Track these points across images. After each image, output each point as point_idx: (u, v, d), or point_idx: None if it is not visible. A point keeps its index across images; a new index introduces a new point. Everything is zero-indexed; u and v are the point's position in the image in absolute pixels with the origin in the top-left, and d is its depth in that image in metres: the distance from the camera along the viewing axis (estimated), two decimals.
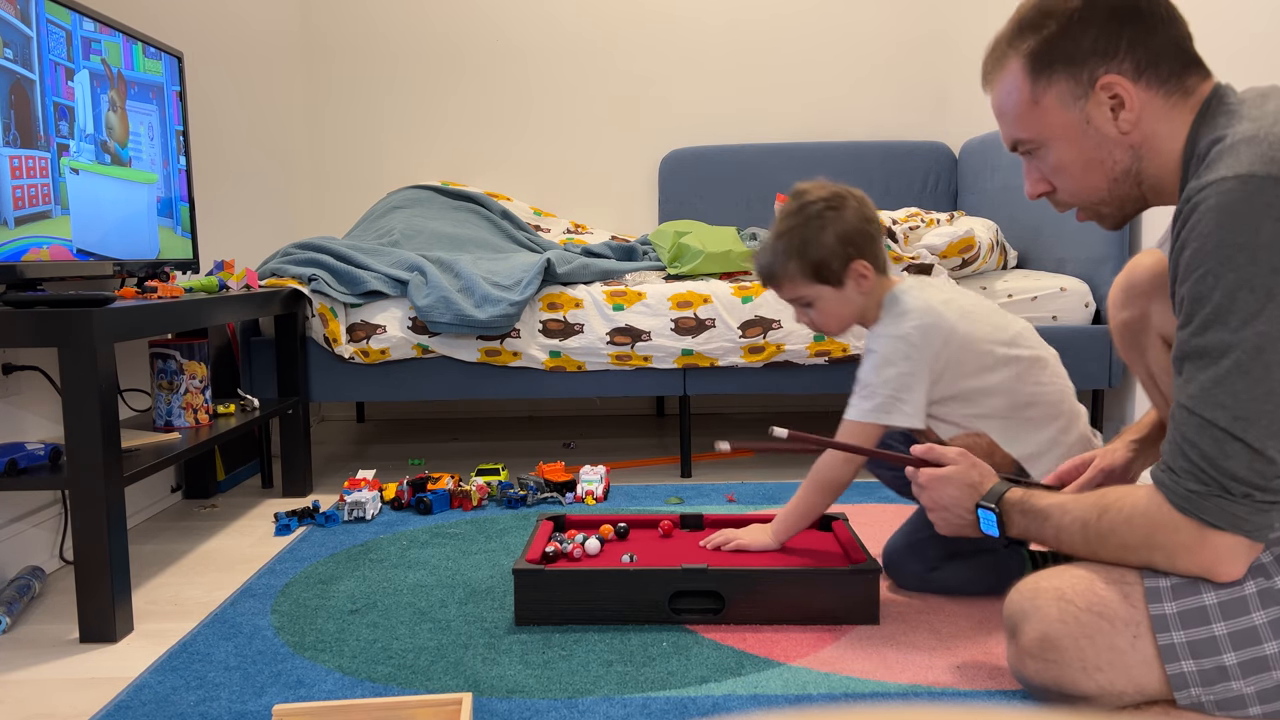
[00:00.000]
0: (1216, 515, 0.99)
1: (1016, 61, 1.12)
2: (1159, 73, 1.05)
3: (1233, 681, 1.02)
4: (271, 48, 3.28)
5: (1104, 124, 1.07)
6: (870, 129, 3.56)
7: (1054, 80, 1.08)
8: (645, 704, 1.28)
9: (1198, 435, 0.98)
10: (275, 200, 3.26)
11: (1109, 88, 1.06)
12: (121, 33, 2.00)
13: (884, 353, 1.57)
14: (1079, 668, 1.08)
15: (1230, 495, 0.98)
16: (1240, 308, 0.93)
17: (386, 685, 1.36)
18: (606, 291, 2.50)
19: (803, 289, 1.62)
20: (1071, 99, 1.08)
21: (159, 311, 1.72)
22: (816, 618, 1.54)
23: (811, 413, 3.63)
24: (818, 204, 1.59)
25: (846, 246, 1.58)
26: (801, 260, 1.59)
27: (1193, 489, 1.00)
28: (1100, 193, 1.12)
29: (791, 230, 1.59)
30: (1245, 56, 2.10)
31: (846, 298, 1.62)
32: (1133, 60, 1.05)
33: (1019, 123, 1.13)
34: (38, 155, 1.70)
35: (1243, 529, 0.99)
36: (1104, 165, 1.09)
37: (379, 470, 2.76)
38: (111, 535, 1.55)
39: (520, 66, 3.57)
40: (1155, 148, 1.07)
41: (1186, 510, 1.01)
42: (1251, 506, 0.98)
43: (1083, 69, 1.07)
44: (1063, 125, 1.09)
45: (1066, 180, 1.13)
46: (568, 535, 1.74)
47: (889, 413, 1.55)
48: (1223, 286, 0.94)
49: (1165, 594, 1.05)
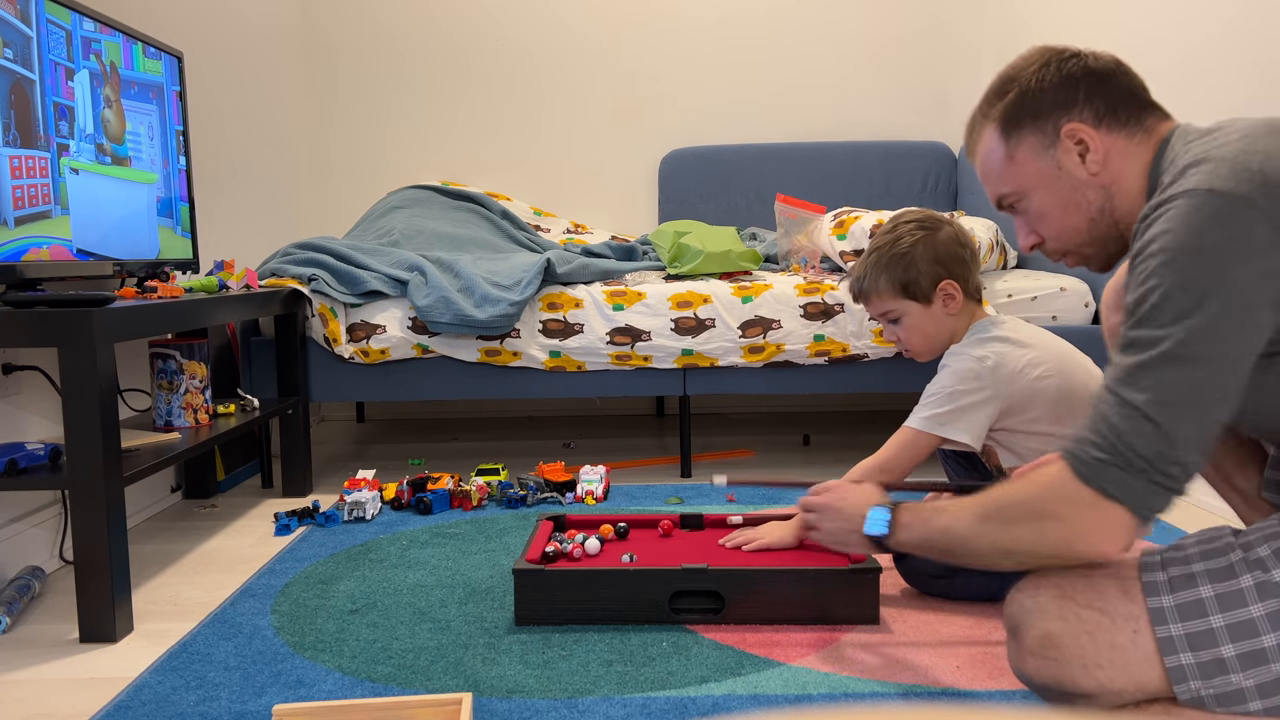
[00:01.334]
0: (1113, 485, 1.03)
1: (990, 126, 1.23)
2: (1118, 117, 1.16)
3: (1232, 675, 1.02)
4: (272, 47, 3.28)
5: (1074, 168, 1.17)
6: (870, 129, 3.56)
7: (1024, 136, 1.19)
8: (645, 704, 1.28)
9: (1113, 412, 1.03)
10: (275, 200, 3.26)
11: (1073, 134, 1.16)
12: (121, 33, 2.00)
13: (958, 368, 1.58)
14: (1079, 665, 1.08)
15: (1130, 468, 1.02)
16: (1174, 306, 0.99)
17: (386, 685, 1.36)
18: (606, 291, 2.50)
19: (890, 304, 1.66)
20: (1042, 149, 1.19)
21: (159, 311, 1.72)
22: (816, 618, 1.54)
23: (811, 412, 3.63)
24: (911, 224, 1.65)
25: (936, 265, 1.62)
26: (890, 274, 1.64)
27: (1097, 457, 1.04)
28: (1081, 234, 1.21)
29: (883, 246, 1.65)
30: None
31: (933, 316, 1.65)
32: (1091, 109, 1.16)
33: (1000, 179, 1.24)
34: (38, 155, 1.70)
35: (1134, 503, 1.03)
36: (1080, 206, 1.19)
37: (379, 470, 2.76)
38: (111, 535, 1.55)
39: (520, 66, 3.57)
40: (1124, 186, 1.16)
41: (1086, 477, 1.05)
42: (1146, 483, 1.02)
43: (1047, 121, 1.18)
44: (1038, 174, 1.20)
45: (1049, 226, 1.22)
46: (568, 535, 1.74)
47: (945, 425, 1.56)
48: (1163, 287, 1.00)
49: (1163, 587, 1.06)
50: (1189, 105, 2.32)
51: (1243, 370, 1.00)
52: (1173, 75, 2.37)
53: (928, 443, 1.59)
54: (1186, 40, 2.32)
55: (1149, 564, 1.09)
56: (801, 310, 2.47)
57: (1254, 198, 0.97)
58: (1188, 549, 1.09)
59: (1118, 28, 2.64)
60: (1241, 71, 2.13)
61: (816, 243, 2.76)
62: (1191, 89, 2.30)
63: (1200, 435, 1.01)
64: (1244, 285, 0.97)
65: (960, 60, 3.53)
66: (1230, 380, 0.99)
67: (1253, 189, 0.97)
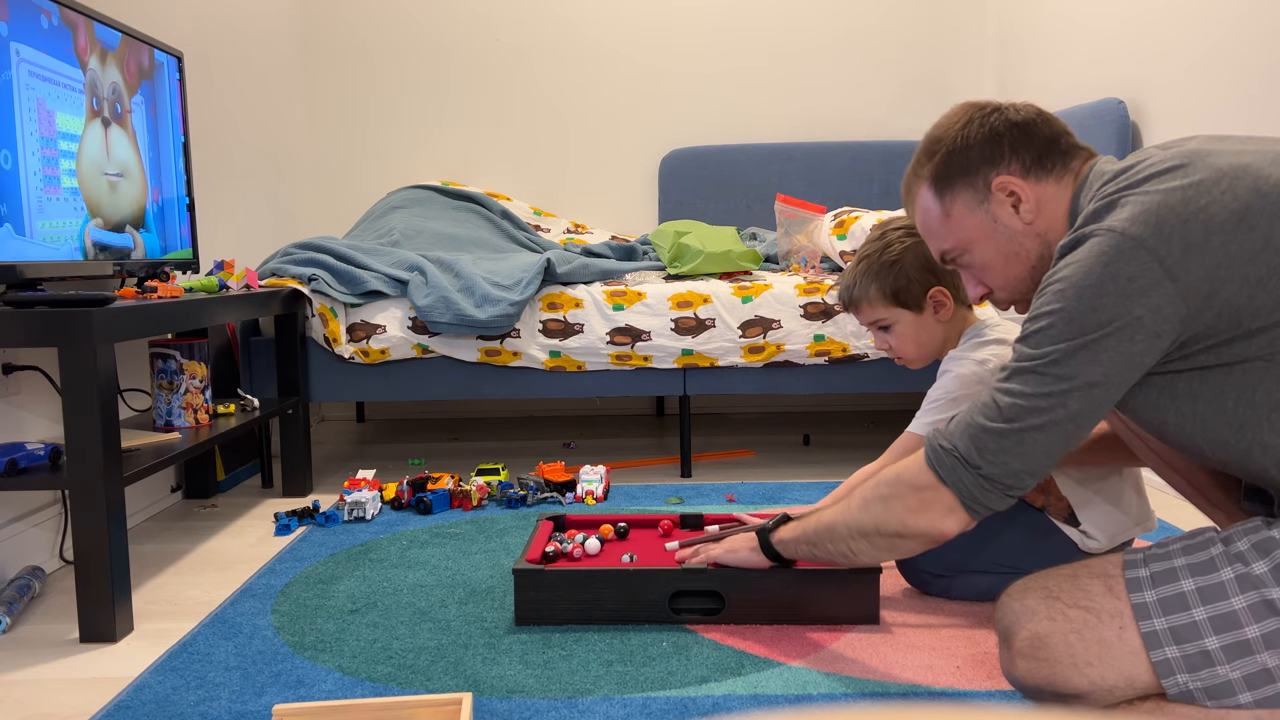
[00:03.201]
0: (948, 473, 1.13)
1: (923, 186, 1.28)
2: (1044, 166, 1.20)
3: (1218, 667, 1.03)
4: (271, 47, 3.28)
5: (1009, 219, 1.21)
6: (870, 129, 3.56)
7: (957, 193, 1.24)
8: (645, 704, 1.28)
9: (979, 406, 1.12)
10: (275, 200, 3.26)
11: (1003, 187, 1.20)
12: (121, 33, 2.00)
13: (960, 372, 1.58)
14: (1070, 664, 1.09)
15: (968, 465, 1.11)
16: (1054, 332, 1.06)
17: (386, 685, 1.36)
18: (606, 291, 2.50)
19: (881, 312, 1.65)
20: (975, 204, 1.23)
21: (159, 311, 1.72)
22: (816, 618, 1.54)
23: (812, 412, 3.63)
24: (900, 230, 1.65)
25: (926, 272, 1.62)
26: (880, 282, 1.63)
27: (944, 445, 1.14)
28: (1025, 283, 1.24)
29: (872, 254, 1.65)
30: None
31: (925, 324, 1.64)
32: (1018, 160, 1.20)
33: (939, 235, 1.28)
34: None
35: (963, 494, 1.13)
36: (1019, 256, 1.23)
37: (379, 470, 2.76)
38: (111, 535, 1.55)
39: (520, 66, 3.57)
40: (1058, 230, 1.20)
41: (930, 460, 1.15)
42: (981, 482, 1.11)
43: (977, 177, 1.22)
44: (975, 228, 1.24)
45: (994, 277, 1.26)
46: (568, 535, 1.74)
47: None
48: (1052, 315, 1.07)
49: (1145, 583, 1.08)
50: (1190, 105, 2.33)
51: (1104, 397, 1.06)
52: (1173, 73, 2.37)
53: None
54: (1187, 37, 2.32)
55: (1132, 561, 1.11)
56: (801, 310, 2.47)
57: (1145, 238, 1.02)
58: (1170, 545, 1.11)
59: (1118, 26, 2.64)
60: (1243, 71, 2.12)
61: (816, 243, 2.76)
62: (1193, 88, 2.30)
63: (1048, 444, 1.08)
64: (1126, 320, 1.03)
65: (961, 60, 3.53)
66: (1088, 403, 1.06)
67: (1146, 230, 1.03)
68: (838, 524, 1.28)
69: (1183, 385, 1.07)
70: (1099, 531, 1.54)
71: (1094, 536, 1.53)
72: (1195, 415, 1.08)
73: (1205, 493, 1.33)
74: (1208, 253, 1.01)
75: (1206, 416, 1.07)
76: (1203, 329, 1.03)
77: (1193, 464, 1.32)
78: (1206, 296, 1.02)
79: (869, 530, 1.23)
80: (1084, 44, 2.83)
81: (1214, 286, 1.01)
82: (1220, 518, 1.32)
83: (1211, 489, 1.32)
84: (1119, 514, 1.54)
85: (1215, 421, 1.07)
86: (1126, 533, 1.56)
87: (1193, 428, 1.08)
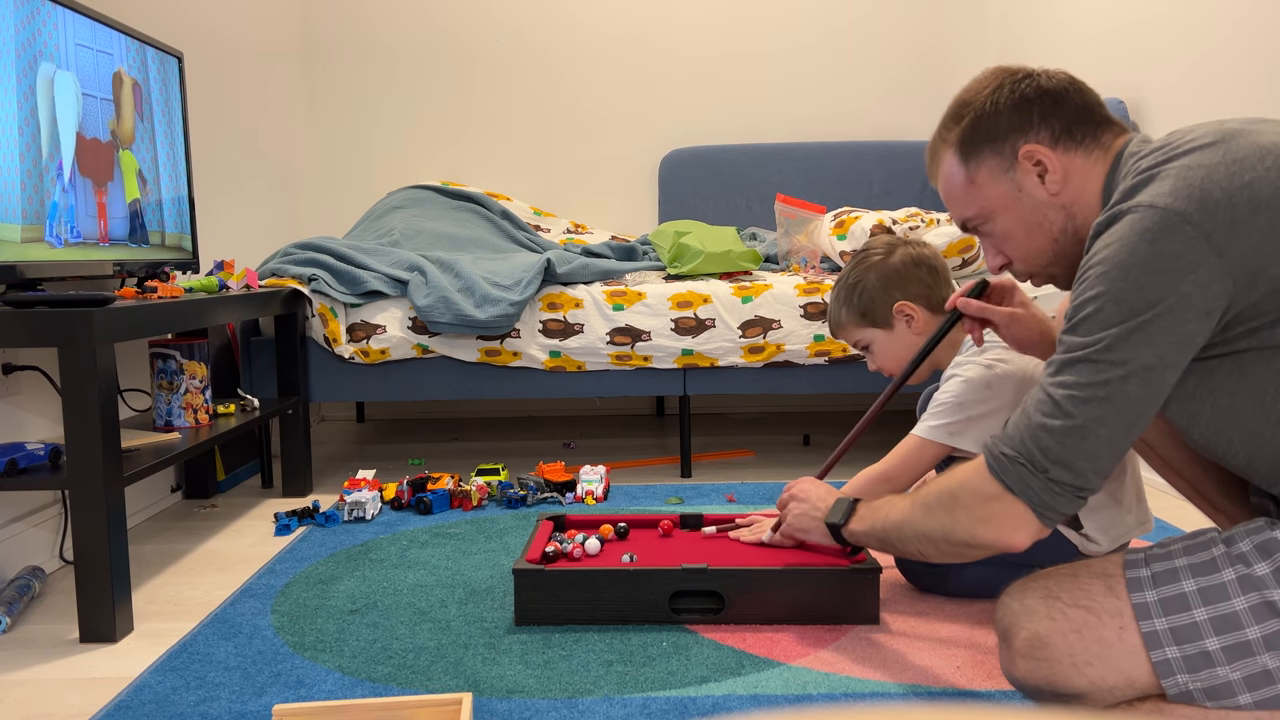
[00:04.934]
0: (1015, 481, 1.07)
1: (948, 150, 1.24)
2: (1074, 136, 1.17)
3: (1218, 668, 1.03)
4: (271, 48, 3.28)
5: (1034, 189, 1.18)
6: (870, 129, 3.56)
7: (982, 159, 1.20)
8: (645, 704, 1.28)
9: (1034, 405, 1.07)
10: (275, 200, 3.26)
11: (1030, 155, 1.17)
12: (122, 33, 2.00)
13: (968, 377, 1.58)
14: (1069, 664, 1.08)
15: (1033, 467, 1.06)
16: (1105, 315, 1.02)
17: (386, 685, 1.36)
18: (606, 291, 2.50)
19: (856, 334, 1.71)
20: (1001, 171, 1.19)
21: (159, 311, 1.72)
22: (816, 618, 1.54)
23: (812, 412, 3.63)
24: (868, 253, 1.70)
25: (889, 290, 1.65)
26: (849, 306, 1.69)
27: (1006, 453, 1.08)
28: (1046, 255, 1.22)
29: (842, 280, 1.71)
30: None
31: (898, 338, 1.67)
32: (1047, 129, 1.17)
33: (962, 202, 1.25)
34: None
35: (1033, 500, 1.07)
36: (1042, 227, 1.20)
37: (379, 470, 2.76)
38: (111, 535, 1.55)
39: (521, 66, 3.57)
40: (1085, 204, 1.17)
41: (994, 470, 1.09)
42: (1046, 483, 1.06)
43: (1004, 144, 1.19)
44: (999, 197, 1.20)
45: (1015, 247, 1.23)
46: (568, 535, 1.74)
47: (955, 435, 1.55)
48: (1099, 298, 1.03)
49: (1146, 583, 1.08)
50: (1190, 105, 2.33)
51: (1163, 380, 1.02)
52: (1174, 74, 2.37)
53: (935, 453, 1.57)
54: (1188, 38, 2.32)
55: (1133, 561, 1.11)
56: (801, 310, 2.47)
57: (1189, 213, 0.99)
58: (1171, 546, 1.10)
59: (1119, 26, 2.64)
60: (1244, 72, 2.12)
61: (816, 243, 2.76)
62: (1192, 89, 2.30)
63: (1112, 436, 1.04)
64: (1173, 298, 1.00)
65: (961, 60, 3.53)
66: (1148, 387, 1.02)
67: (1190, 204, 1.00)
68: (905, 527, 1.23)
69: (1221, 376, 1.05)
70: (1101, 535, 1.53)
71: (1096, 540, 1.53)
72: (1232, 408, 1.05)
73: (1209, 498, 1.32)
74: (1254, 229, 0.98)
75: (1244, 410, 1.04)
76: (1246, 308, 1.00)
77: (1198, 469, 1.31)
78: (1252, 275, 0.99)
79: (936, 538, 1.18)
80: (1084, 44, 2.83)
81: (1260, 264, 0.98)
82: (1223, 521, 1.31)
83: (1216, 495, 1.32)
84: (1121, 516, 1.54)
85: (1252, 414, 1.04)
86: (1128, 535, 1.56)
87: (1227, 421, 1.06)
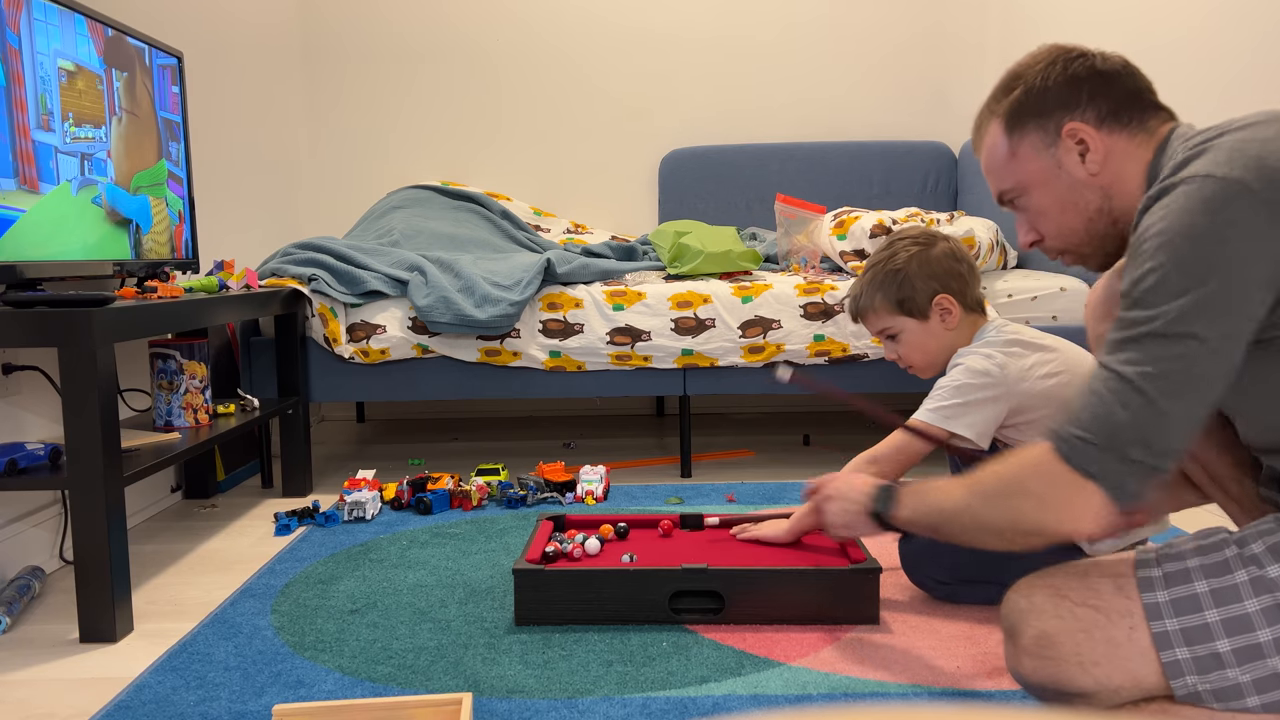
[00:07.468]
0: (1090, 463, 1.03)
1: (995, 122, 1.24)
2: (1120, 119, 1.16)
3: (1228, 670, 1.02)
4: (271, 48, 3.28)
5: (1074, 168, 1.18)
6: (870, 129, 3.56)
7: (1026, 132, 1.20)
8: (645, 704, 1.28)
9: (1102, 384, 1.03)
10: (275, 200, 3.26)
11: (1074, 134, 1.17)
12: (122, 33, 2.00)
13: (970, 364, 1.58)
14: (1076, 663, 1.08)
15: (1110, 450, 1.02)
16: (1168, 287, 1.00)
17: (386, 685, 1.36)
18: (606, 291, 2.50)
19: (887, 320, 1.67)
20: (1043, 146, 1.19)
21: (159, 311, 1.72)
22: (816, 618, 1.54)
23: (812, 412, 3.63)
24: (907, 240, 1.67)
25: (931, 280, 1.63)
26: (885, 291, 1.65)
27: (1078, 435, 1.04)
28: (1079, 234, 1.21)
29: (879, 264, 1.67)
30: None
31: (931, 331, 1.65)
32: (1094, 109, 1.17)
33: (1001, 174, 1.24)
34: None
35: (1109, 483, 1.02)
36: (1078, 206, 1.19)
37: (379, 470, 2.76)
38: (111, 535, 1.55)
39: (521, 66, 3.57)
40: (1124, 187, 1.16)
41: (1065, 455, 1.05)
42: (1122, 463, 1.01)
43: (1050, 119, 1.18)
44: (1038, 171, 1.20)
45: (1047, 224, 1.23)
46: (568, 535, 1.74)
47: (951, 419, 1.56)
48: (1159, 269, 1.01)
49: (1158, 583, 1.07)
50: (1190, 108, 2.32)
51: (1233, 352, 1.00)
52: (1174, 75, 2.37)
53: (926, 441, 1.58)
54: (1188, 40, 2.32)
55: (1144, 561, 1.10)
56: (801, 310, 2.47)
57: (1249, 182, 0.98)
58: (1183, 546, 1.10)
59: (1121, 27, 2.64)
60: (1245, 75, 2.12)
61: (816, 243, 2.76)
62: (1193, 90, 2.30)
63: (1188, 413, 1.00)
64: (1238, 267, 0.98)
65: (961, 60, 3.53)
66: (1220, 360, 0.99)
67: (1248, 173, 0.98)
68: (963, 516, 1.17)
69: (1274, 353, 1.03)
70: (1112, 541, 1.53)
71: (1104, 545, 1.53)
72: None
73: (1223, 484, 1.31)
74: None
75: None
76: None
77: (1214, 453, 1.30)
78: None
79: (1000, 526, 1.13)
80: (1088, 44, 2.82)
81: None
82: (1235, 510, 1.31)
83: (1230, 481, 1.31)
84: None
85: None
86: (1137, 535, 1.56)
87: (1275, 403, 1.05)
